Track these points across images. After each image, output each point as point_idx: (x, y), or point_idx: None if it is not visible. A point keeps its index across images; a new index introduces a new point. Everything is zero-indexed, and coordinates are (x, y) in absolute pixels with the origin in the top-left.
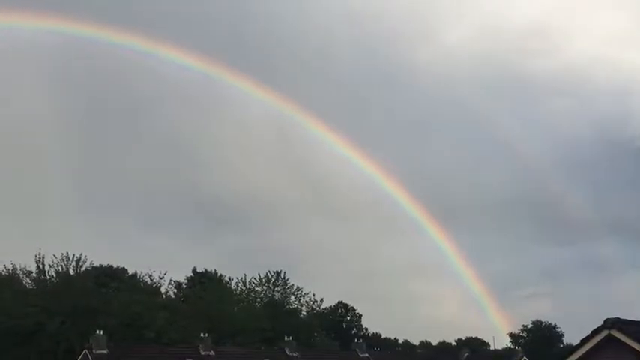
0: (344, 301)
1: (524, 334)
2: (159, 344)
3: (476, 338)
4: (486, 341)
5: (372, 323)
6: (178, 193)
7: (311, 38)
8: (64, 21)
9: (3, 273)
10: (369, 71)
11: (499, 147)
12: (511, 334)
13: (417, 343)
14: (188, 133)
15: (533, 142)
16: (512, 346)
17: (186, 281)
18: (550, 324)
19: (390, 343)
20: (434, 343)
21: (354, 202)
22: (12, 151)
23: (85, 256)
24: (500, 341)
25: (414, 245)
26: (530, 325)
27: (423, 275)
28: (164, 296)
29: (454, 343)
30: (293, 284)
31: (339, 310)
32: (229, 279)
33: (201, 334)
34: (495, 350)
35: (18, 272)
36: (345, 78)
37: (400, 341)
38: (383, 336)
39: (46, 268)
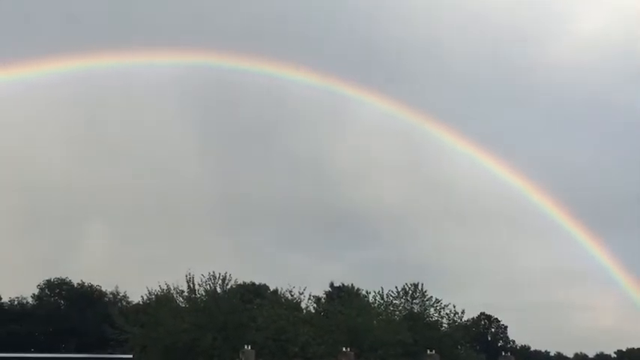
0: (486, 313)
1: None
2: (304, 359)
3: (639, 349)
4: None
5: (520, 335)
6: (312, 210)
7: (437, 41)
8: (199, 54)
9: (159, 293)
10: (499, 69)
11: None
12: None
13: (571, 355)
14: (319, 151)
15: None
16: None
17: (324, 296)
18: None
19: (541, 356)
20: (590, 355)
21: (489, 208)
22: (159, 179)
23: (230, 275)
24: None
25: (560, 251)
26: None
27: (573, 282)
28: (304, 311)
29: (614, 355)
30: (432, 296)
31: (482, 322)
32: (367, 292)
33: (343, 348)
34: None
35: (172, 292)
36: (473, 78)
37: (552, 353)
38: (532, 348)
39: (196, 287)
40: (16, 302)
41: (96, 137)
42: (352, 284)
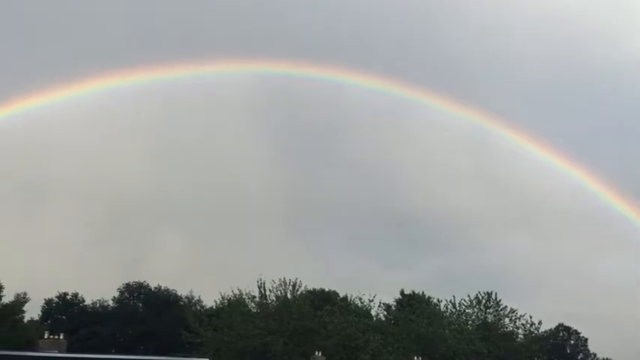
0: (565, 324)
1: None
2: None
3: None
4: None
5: (602, 348)
6: (380, 217)
7: (503, 43)
8: (257, 62)
9: (231, 298)
10: (568, 73)
11: None
12: None
13: None
14: (389, 156)
15: None
16: None
17: (395, 303)
18: None
19: None
20: None
21: (564, 215)
22: (232, 186)
23: (300, 281)
24: None
25: None
26: None
27: None
28: (374, 319)
29: None
30: (506, 306)
31: (560, 334)
32: (438, 301)
33: (415, 357)
34: None
35: (244, 297)
36: (542, 82)
37: None
38: None
39: (267, 292)
40: (98, 305)
41: (172, 147)
42: (423, 292)
